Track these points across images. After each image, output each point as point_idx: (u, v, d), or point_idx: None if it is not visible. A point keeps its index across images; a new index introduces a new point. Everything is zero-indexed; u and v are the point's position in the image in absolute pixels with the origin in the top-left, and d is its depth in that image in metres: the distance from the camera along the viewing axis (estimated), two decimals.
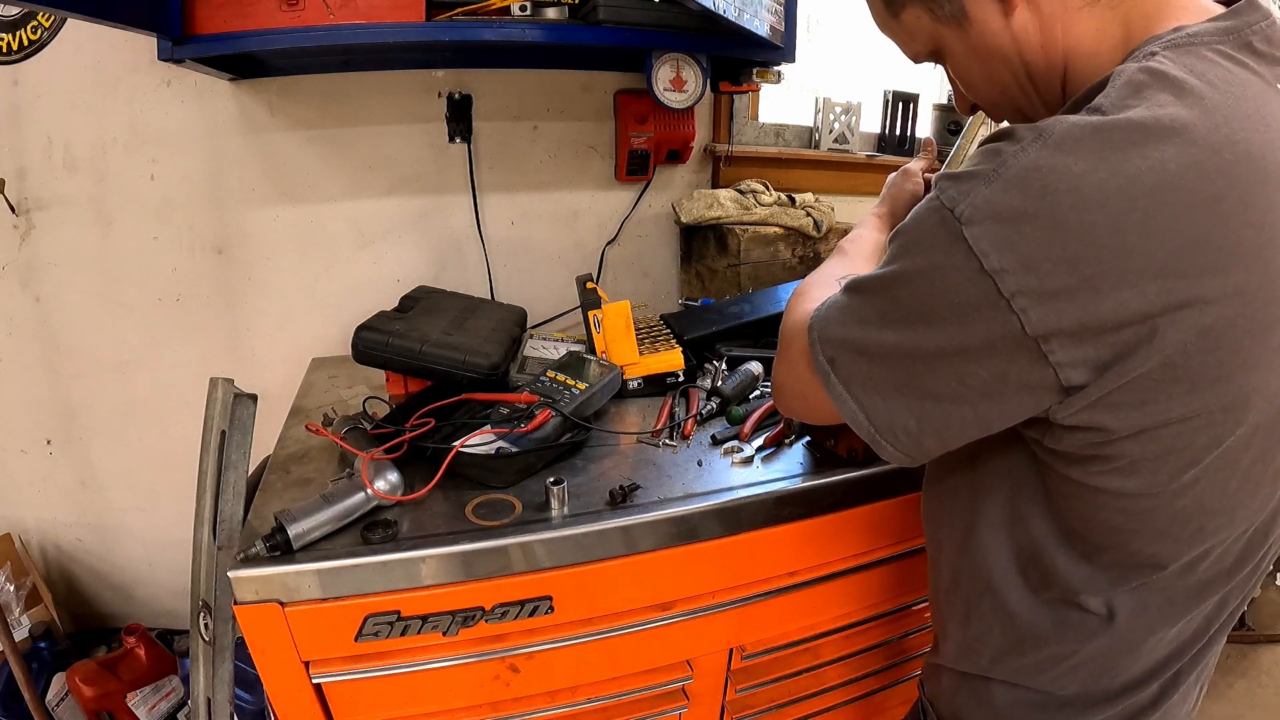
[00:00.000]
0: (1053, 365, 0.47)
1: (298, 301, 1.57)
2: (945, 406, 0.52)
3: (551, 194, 1.66)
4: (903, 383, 0.53)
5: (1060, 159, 0.44)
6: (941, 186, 0.49)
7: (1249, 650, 1.97)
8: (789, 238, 1.64)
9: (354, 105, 1.48)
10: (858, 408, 0.56)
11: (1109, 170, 0.43)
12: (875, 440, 0.57)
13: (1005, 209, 0.45)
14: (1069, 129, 0.45)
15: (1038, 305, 0.45)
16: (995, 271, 0.45)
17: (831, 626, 1.04)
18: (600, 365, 1.12)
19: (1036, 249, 0.44)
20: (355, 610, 0.79)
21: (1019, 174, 0.45)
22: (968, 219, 0.46)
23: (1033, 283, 0.45)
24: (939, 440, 0.55)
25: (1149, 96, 0.45)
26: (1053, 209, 0.44)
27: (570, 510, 0.86)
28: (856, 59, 2.02)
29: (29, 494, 1.61)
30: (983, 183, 0.46)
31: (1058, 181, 0.44)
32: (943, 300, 0.49)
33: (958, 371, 0.50)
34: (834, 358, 0.57)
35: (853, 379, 0.56)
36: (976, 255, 0.46)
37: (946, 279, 0.48)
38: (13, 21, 1.32)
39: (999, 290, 0.46)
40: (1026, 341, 0.46)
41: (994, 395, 0.50)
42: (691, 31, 1.31)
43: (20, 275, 1.45)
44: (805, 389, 0.62)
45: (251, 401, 0.87)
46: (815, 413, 0.65)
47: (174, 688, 1.49)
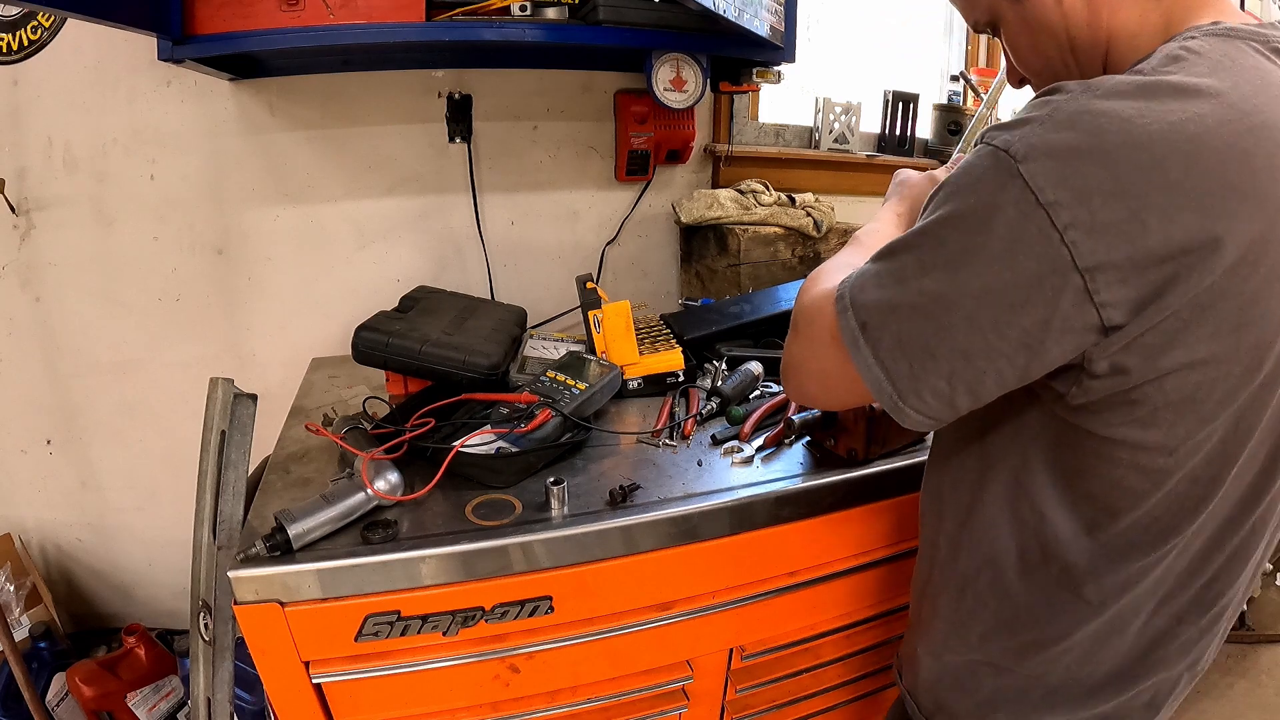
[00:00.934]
0: (1095, 304, 0.48)
1: (298, 301, 1.57)
2: (980, 361, 0.52)
3: (551, 194, 1.66)
4: (938, 339, 0.53)
5: (1109, 104, 0.48)
6: (990, 135, 0.51)
7: (1249, 650, 1.97)
8: (789, 238, 1.64)
9: (354, 105, 1.48)
10: (882, 374, 0.56)
11: (1154, 116, 0.47)
12: (898, 407, 0.57)
13: (1059, 146, 0.48)
14: (1115, 83, 0.49)
15: (1088, 238, 0.47)
16: (1050, 204, 0.47)
17: (831, 626, 1.04)
18: (600, 365, 1.12)
19: (1089, 183, 0.46)
20: (355, 610, 0.79)
21: (1071, 115, 0.48)
22: (1023, 156, 0.48)
23: (1084, 216, 0.46)
24: (972, 397, 0.55)
25: (1185, 67, 0.50)
26: (1103, 146, 0.47)
27: (570, 510, 0.86)
28: (856, 59, 2.02)
29: (29, 494, 1.60)
30: (1037, 124, 0.49)
31: (1107, 122, 0.47)
32: (994, 236, 0.49)
33: (999, 319, 0.50)
34: (865, 322, 0.56)
35: (881, 343, 0.55)
36: (1032, 190, 0.47)
37: (1000, 214, 0.49)
38: (13, 21, 1.32)
39: (1053, 223, 0.47)
40: (1074, 277, 0.48)
41: (1034, 341, 0.51)
42: (691, 31, 1.31)
43: (20, 275, 1.45)
44: (826, 365, 0.62)
45: (251, 401, 0.88)
46: (833, 391, 0.64)
47: (174, 688, 1.49)
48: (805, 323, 0.65)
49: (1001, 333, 0.51)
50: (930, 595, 0.75)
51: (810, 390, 0.67)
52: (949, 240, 0.52)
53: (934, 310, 0.53)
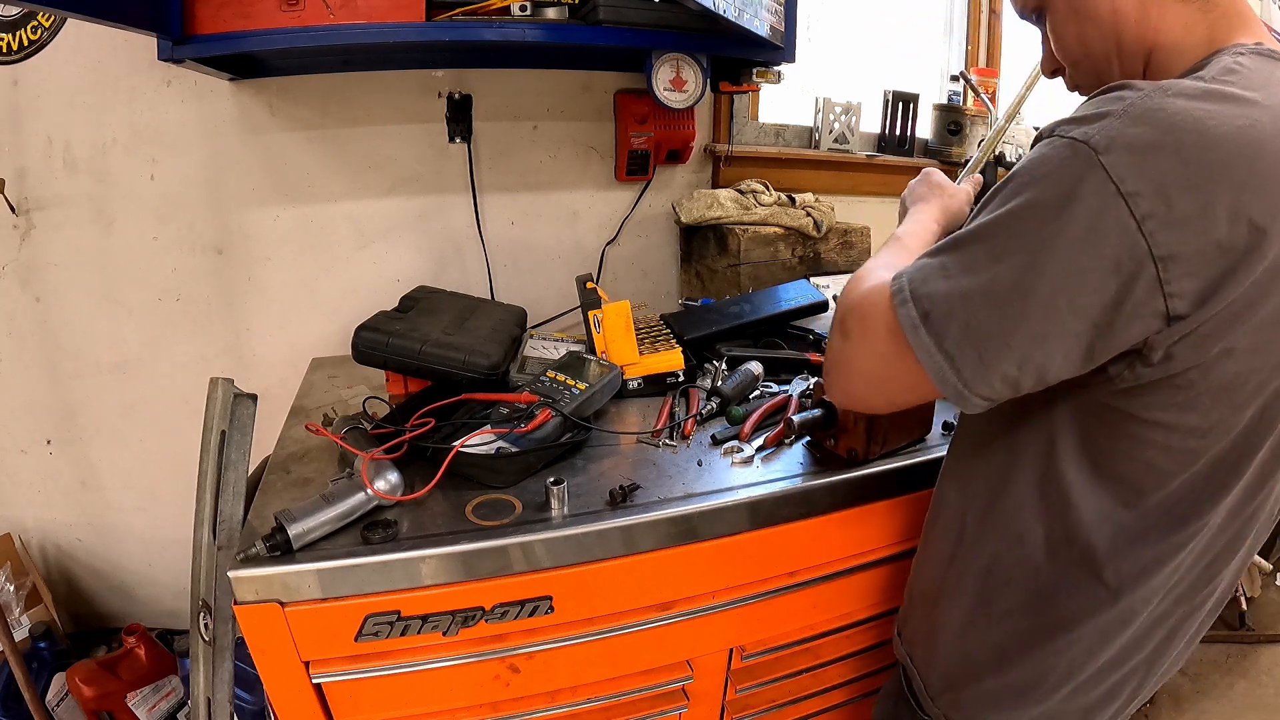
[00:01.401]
0: (1165, 293, 0.50)
1: (298, 301, 1.57)
2: (1054, 343, 0.54)
3: (551, 194, 1.66)
4: (1013, 325, 0.54)
5: (1182, 104, 0.51)
6: (1063, 129, 0.53)
7: (1249, 650, 1.97)
8: (789, 238, 1.64)
9: (354, 105, 1.48)
10: (947, 363, 0.56)
11: (1221, 119, 0.50)
12: (963, 396, 0.57)
13: (1138, 140, 0.50)
14: (1184, 85, 0.52)
15: (1164, 229, 0.49)
16: (1130, 195, 0.49)
17: (831, 626, 1.04)
18: (600, 365, 1.12)
19: (1166, 176, 0.49)
20: (355, 610, 0.79)
21: (1147, 112, 0.51)
22: (1104, 148, 0.50)
23: (1161, 207, 0.49)
24: (1037, 380, 0.56)
25: (1240, 80, 0.53)
26: (1179, 143, 0.49)
27: (570, 510, 0.86)
28: (856, 59, 2.02)
29: (29, 494, 1.61)
30: (1114, 119, 0.51)
31: (1181, 121, 0.50)
32: (1074, 223, 0.51)
33: (1075, 301, 0.52)
34: (928, 311, 0.57)
35: (947, 333, 0.56)
36: (1114, 179, 0.49)
37: (1081, 202, 0.51)
38: (13, 21, 1.32)
39: (1131, 213, 0.49)
40: (1149, 265, 0.50)
41: (1105, 325, 0.52)
42: (691, 31, 1.31)
43: (20, 275, 1.45)
44: (877, 362, 0.61)
45: (251, 401, 0.88)
46: (883, 389, 0.64)
47: (174, 688, 1.49)
48: (855, 320, 0.64)
49: (1078, 315, 0.52)
50: (955, 573, 0.76)
51: (857, 390, 0.66)
52: (1026, 228, 0.53)
53: (1010, 297, 0.53)
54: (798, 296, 1.43)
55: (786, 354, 1.29)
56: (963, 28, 2.13)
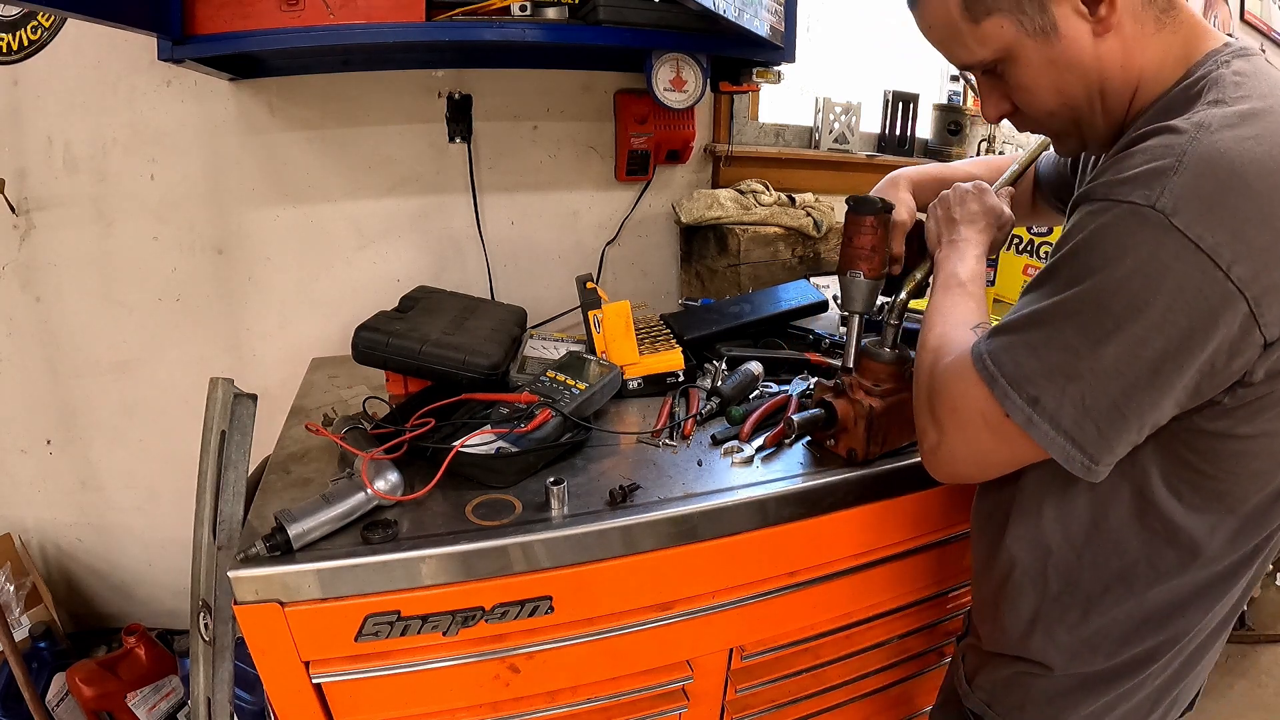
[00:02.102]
0: (1260, 325, 0.52)
1: (298, 301, 1.57)
2: (1164, 404, 0.56)
3: (551, 194, 1.66)
4: (1126, 398, 0.55)
5: (1229, 139, 0.51)
6: (1119, 193, 0.53)
7: (1249, 650, 1.97)
8: (789, 238, 1.64)
9: (354, 105, 1.48)
10: (1069, 443, 0.58)
11: (1271, 142, 0.51)
12: (1091, 470, 0.59)
13: (1205, 191, 0.50)
14: (1219, 118, 0.53)
15: (1250, 268, 0.50)
16: (1212, 249, 0.50)
17: (831, 626, 1.04)
18: (600, 365, 1.12)
19: (1240, 217, 0.50)
20: (355, 610, 0.79)
21: (1203, 159, 0.51)
22: (1173, 209, 0.50)
23: (1242, 250, 0.50)
24: (1151, 429, 0.58)
25: (1249, 89, 0.54)
26: (1245, 181, 0.50)
27: (570, 510, 0.86)
28: (856, 59, 2.02)
29: (29, 494, 1.61)
30: (1172, 174, 0.51)
31: (1239, 157, 0.51)
32: (1164, 292, 0.51)
33: (1182, 364, 0.53)
34: (1037, 397, 0.58)
35: (1062, 414, 0.57)
36: (1191, 239, 0.50)
37: (1165, 271, 0.51)
38: (13, 21, 1.32)
39: (1216, 264, 0.50)
40: (1242, 305, 0.51)
41: (1210, 369, 0.54)
42: (691, 31, 1.31)
43: (20, 275, 1.45)
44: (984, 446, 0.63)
45: (251, 401, 0.87)
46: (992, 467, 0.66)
47: (174, 688, 1.49)
48: (947, 410, 0.66)
49: (1184, 372, 0.54)
50: (1043, 628, 0.74)
51: (965, 472, 0.69)
52: (1115, 308, 0.54)
53: (1119, 371, 0.55)
54: (798, 296, 1.43)
55: (786, 354, 1.29)
56: None
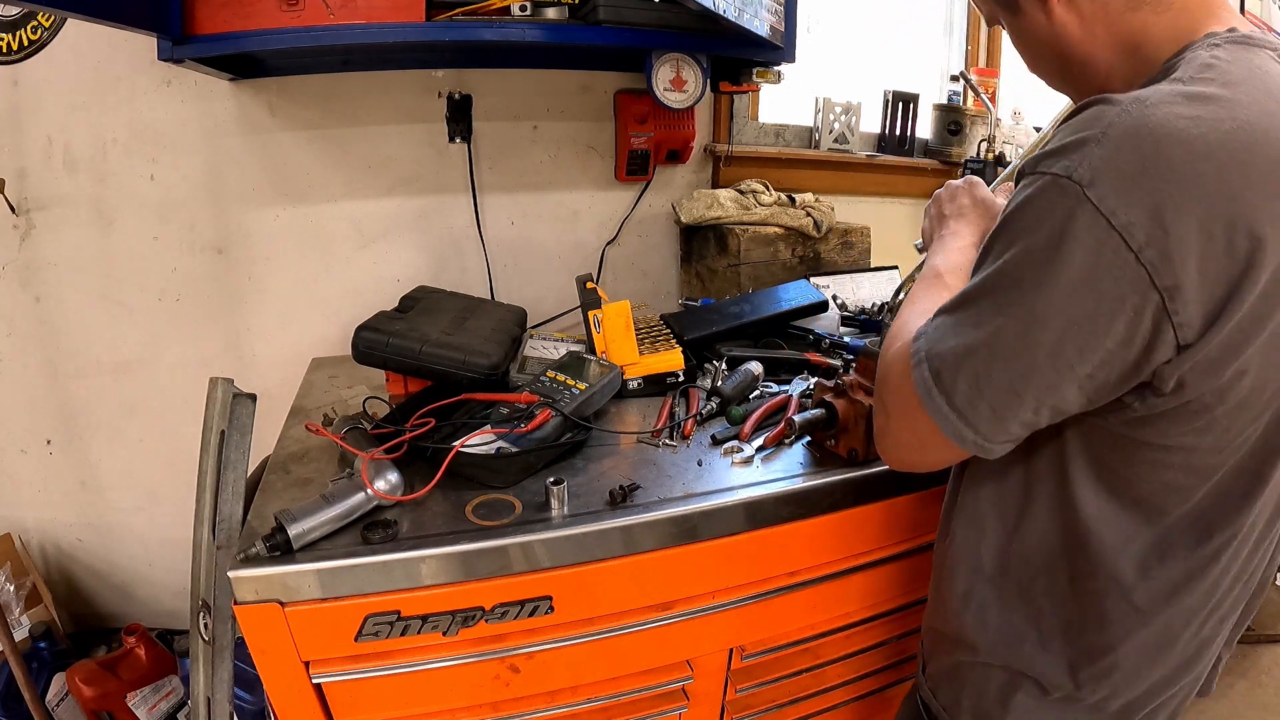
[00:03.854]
0: (1174, 323, 0.48)
1: (298, 301, 1.57)
2: (1065, 390, 0.52)
3: (551, 194, 1.66)
4: (1022, 377, 0.53)
5: (1163, 115, 0.47)
6: (1044, 165, 0.51)
7: (1249, 650, 1.97)
8: (789, 238, 1.64)
9: (354, 105, 1.48)
10: (961, 421, 0.56)
11: (1208, 126, 0.47)
12: (985, 448, 0.57)
13: (1125, 166, 0.47)
14: (1164, 94, 0.49)
15: (1164, 258, 0.46)
16: (1124, 227, 0.47)
17: (831, 626, 1.04)
18: (600, 365, 1.12)
19: (1159, 200, 0.46)
20: (355, 610, 0.79)
21: (1128, 132, 0.47)
22: (1089, 181, 0.47)
23: (1158, 234, 0.46)
24: (1053, 415, 0.55)
25: (1220, 75, 0.50)
26: (1168, 162, 0.46)
27: (570, 510, 0.86)
28: (856, 59, 2.02)
29: (29, 494, 1.60)
30: (1094, 145, 0.48)
31: (1167, 136, 0.47)
32: (1071, 265, 0.49)
33: (1083, 345, 0.50)
34: (939, 370, 0.56)
35: (956, 390, 0.55)
36: (1104, 214, 0.47)
37: (1074, 242, 0.48)
38: (13, 21, 1.32)
39: (1128, 245, 0.47)
40: (1154, 295, 0.47)
41: (1117, 361, 0.50)
42: (691, 31, 1.31)
43: (20, 275, 1.45)
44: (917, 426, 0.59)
45: (251, 401, 0.87)
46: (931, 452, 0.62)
47: (174, 688, 1.49)
48: (888, 390, 0.64)
49: (1086, 358, 0.51)
50: (976, 607, 0.73)
51: (910, 458, 0.65)
52: (1024, 281, 0.51)
53: (1016, 349, 0.52)
54: (798, 296, 1.43)
55: (786, 354, 1.29)
56: (963, 28, 2.13)
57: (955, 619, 0.75)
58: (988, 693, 0.72)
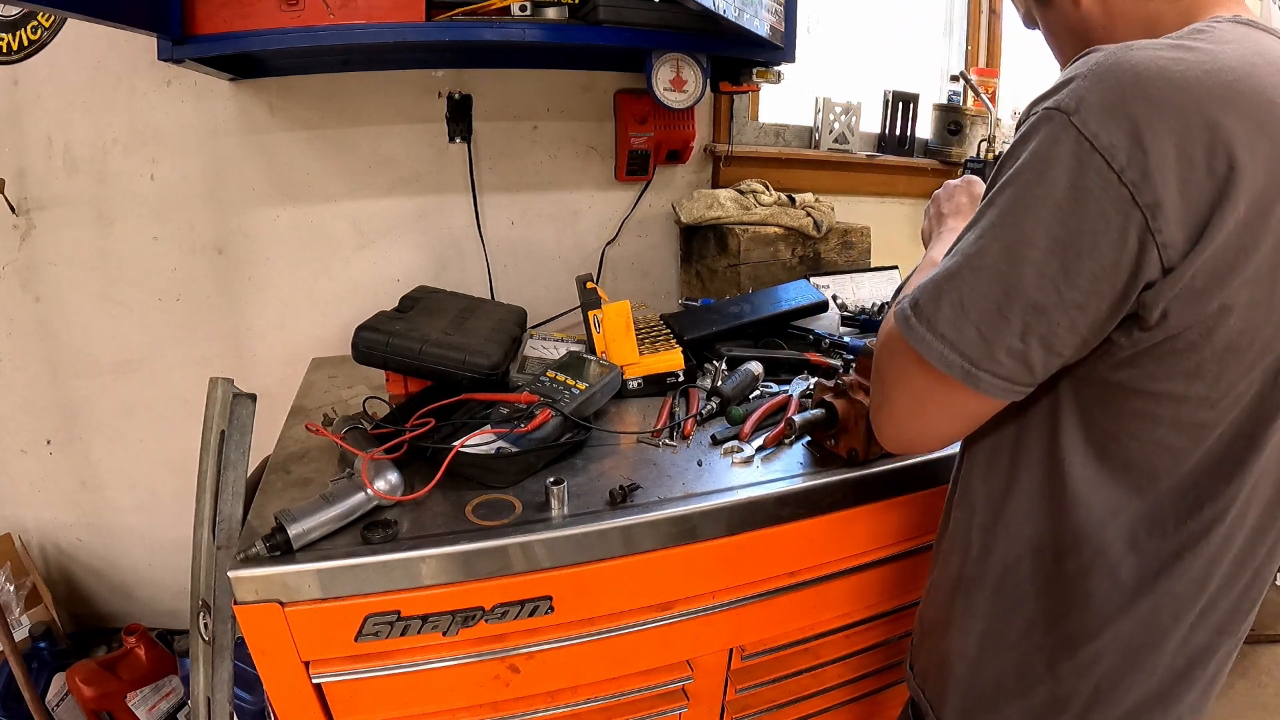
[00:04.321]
0: (1158, 243, 0.49)
1: (298, 301, 1.57)
2: (1055, 314, 0.53)
3: (551, 194, 1.66)
4: (1007, 297, 0.53)
5: (1146, 54, 0.50)
6: (1034, 105, 0.53)
7: (1249, 650, 1.97)
8: (789, 238, 1.64)
9: (354, 105, 1.48)
10: (946, 347, 0.55)
11: (1188, 64, 0.49)
12: (973, 375, 0.56)
13: (1107, 94, 0.49)
14: (1150, 43, 0.52)
15: (1145, 177, 0.48)
16: (1106, 149, 0.48)
17: (831, 626, 1.04)
18: (600, 365, 1.12)
19: (1139, 123, 0.48)
20: (355, 610, 0.79)
21: (1110, 68, 0.50)
22: (1073, 108, 0.50)
23: (1139, 156, 0.48)
24: (1045, 351, 0.54)
25: (1210, 37, 0.52)
26: (1147, 90, 0.48)
27: (570, 510, 0.86)
28: (856, 59, 2.02)
29: (29, 494, 1.60)
30: (1080, 80, 0.51)
31: (1146, 69, 0.49)
32: (1056, 186, 0.50)
33: (1069, 266, 0.51)
34: (917, 300, 0.57)
35: (939, 315, 0.55)
36: (1087, 137, 0.49)
37: (1059, 164, 0.50)
38: (13, 21, 1.32)
39: (1110, 166, 0.48)
40: (1136, 214, 0.49)
41: (1105, 286, 0.51)
42: (691, 31, 1.31)
43: (20, 275, 1.45)
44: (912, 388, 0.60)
45: (251, 401, 0.87)
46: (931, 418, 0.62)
47: (174, 688, 1.49)
48: (881, 357, 0.63)
49: (1072, 280, 0.51)
50: (963, 593, 0.72)
51: (908, 429, 0.64)
52: (1011, 203, 0.53)
53: (1001, 268, 0.53)
54: (798, 296, 1.43)
55: (786, 354, 1.29)
56: (963, 28, 2.13)
57: (944, 608, 0.75)
58: (973, 688, 0.72)
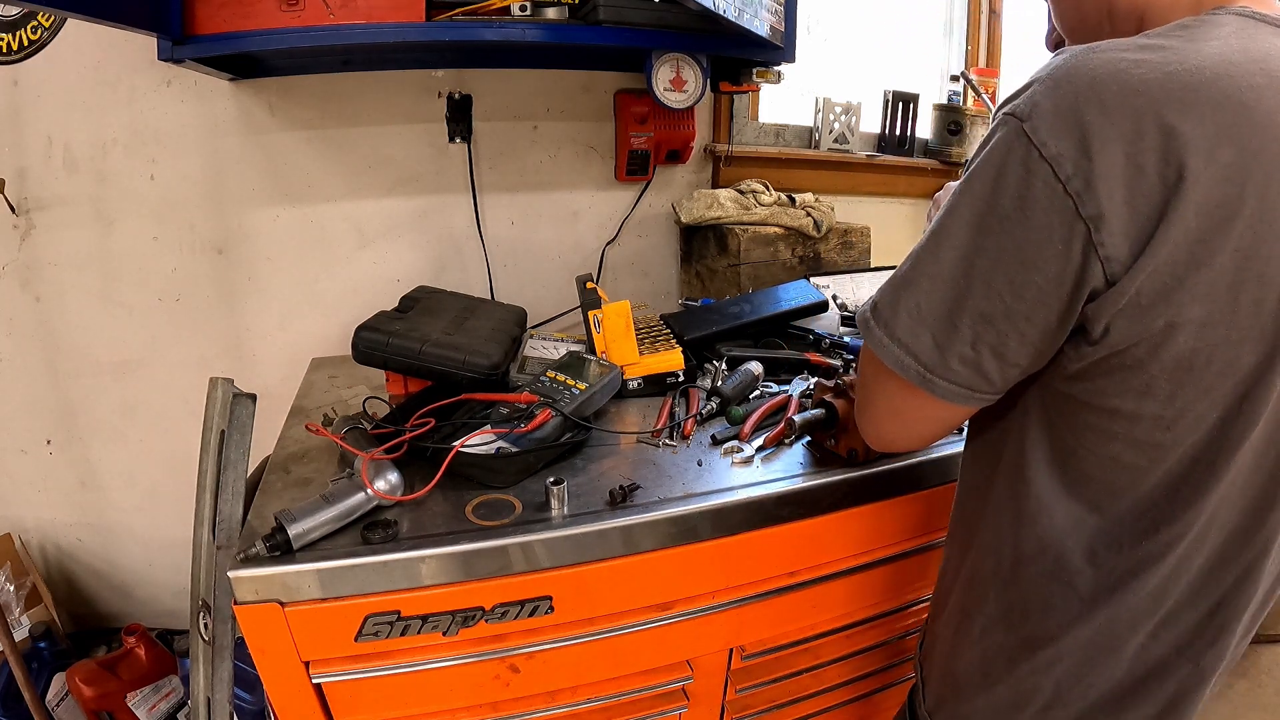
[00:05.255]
0: (1100, 256, 0.48)
1: (298, 301, 1.57)
2: (1001, 324, 0.53)
3: (551, 194, 1.66)
4: (956, 305, 0.54)
5: (1107, 57, 0.49)
6: (1001, 108, 0.53)
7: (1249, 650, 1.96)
8: (789, 238, 1.64)
9: (354, 105, 1.48)
10: (902, 350, 0.57)
11: (1150, 66, 0.48)
12: (928, 380, 0.57)
13: (1059, 101, 0.49)
14: (1117, 41, 0.51)
15: (1089, 188, 0.47)
16: (1053, 158, 0.48)
17: (831, 626, 1.04)
18: (600, 365, 1.12)
19: (1088, 131, 0.47)
20: (355, 610, 0.79)
21: (1068, 71, 0.49)
22: (1026, 115, 0.50)
23: (1085, 165, 0.47)
24: (998, 360, 0.55)
25: (1193, 34, 0.50)
26: (1101, 95, 0.47)
27: (570, 510, 0.86)
28: (856, 59, 2.02)
29: (29, 494, 1.61)
30: (1038, 85, 0.51)
31: (1104, 73, 0.48)
32: (1005, 195, 0.51)
33: (1014, 278, 0.51)
34: (876, 302, 0.59)
35: (897, 320, 0.57)
36: (1036, 145, 0.49)
37: (1009, 173, 0.50)
38: (13, 21, 1.32)
39: (1056, 175, 0.48)
40: (1080, 226, 0.48)
41: (1050, 299, 0.51)
42: (691, 31, 1.31)
43: (20, 275, 1.45)
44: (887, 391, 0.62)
45: (251, 401, 0.87)
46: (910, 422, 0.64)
47: (174, 688, 1.49)
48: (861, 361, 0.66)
49: (1018, 293, 0.52)
50: (946, 586, 0.75)
51: (889, 430, 0.67)
52: (963, 209, 0.53)
53: (952, 277, 0.54)
54: (798, 296, 1.43)
55: (786, 354, 1.29)
56: (963, 28, 2.13)
57: (940, 594, 0.77)
58: (947, 677, 0.73)
